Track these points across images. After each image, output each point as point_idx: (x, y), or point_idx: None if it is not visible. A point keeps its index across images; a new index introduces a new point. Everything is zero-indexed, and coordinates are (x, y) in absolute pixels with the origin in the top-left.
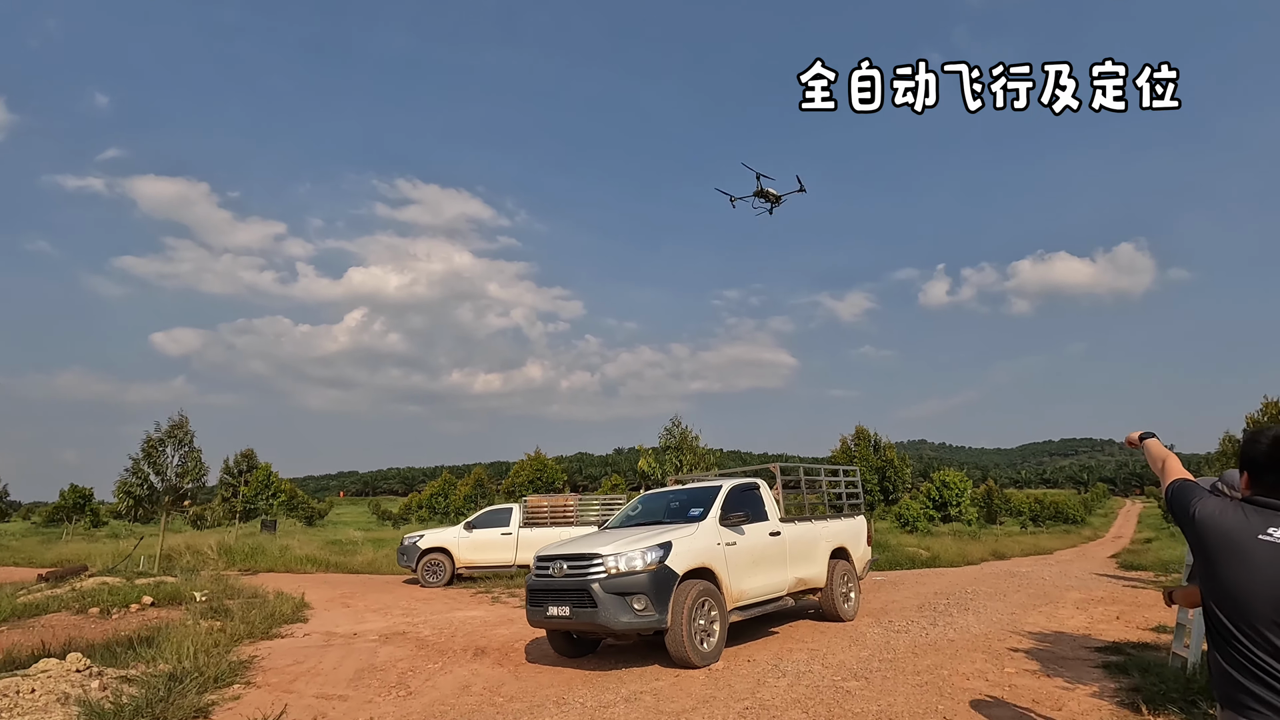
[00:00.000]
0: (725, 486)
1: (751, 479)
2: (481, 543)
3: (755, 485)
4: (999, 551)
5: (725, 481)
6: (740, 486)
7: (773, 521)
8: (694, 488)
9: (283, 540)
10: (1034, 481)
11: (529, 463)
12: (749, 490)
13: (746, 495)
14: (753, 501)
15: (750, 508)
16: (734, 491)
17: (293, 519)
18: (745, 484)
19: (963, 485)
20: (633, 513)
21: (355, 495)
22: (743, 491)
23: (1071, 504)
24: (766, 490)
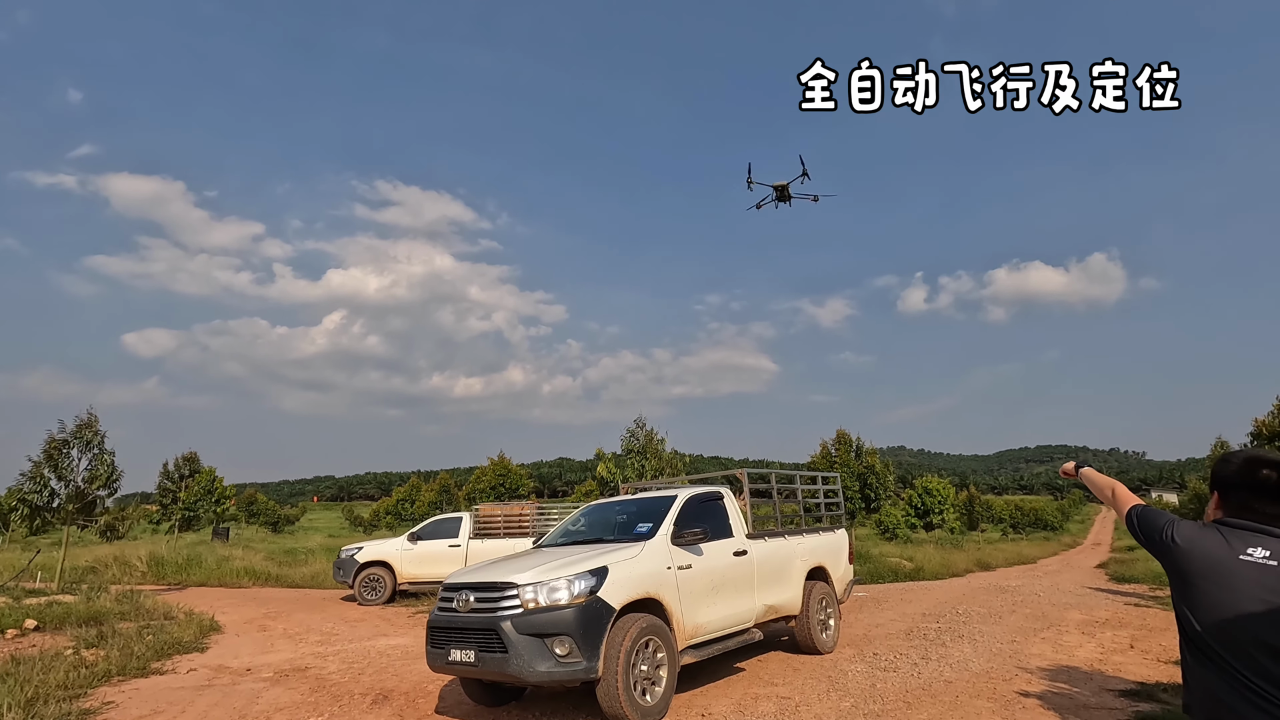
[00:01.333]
0: (681, 497)
1: (714, 488)
2: (427, 556)
3: (718, 495)
4: (983, 561)
5: (681, 491)
6: (700, 497)
7: (738, 538)
8: (646, 498)
9: (229, 550)
10: (1011, 487)
11: (492, 468)
12: (710, 501)
13: (707, 507)
14: (714, 515)
15: (711, 522)
16: (691, 503)
17: (255, 525)
18: (706, 494)
19: (945, 492)
20: (573, 527)
21: (330, 500)
22: (702, 503)
23: (1049, 510)
24: (732, 501)
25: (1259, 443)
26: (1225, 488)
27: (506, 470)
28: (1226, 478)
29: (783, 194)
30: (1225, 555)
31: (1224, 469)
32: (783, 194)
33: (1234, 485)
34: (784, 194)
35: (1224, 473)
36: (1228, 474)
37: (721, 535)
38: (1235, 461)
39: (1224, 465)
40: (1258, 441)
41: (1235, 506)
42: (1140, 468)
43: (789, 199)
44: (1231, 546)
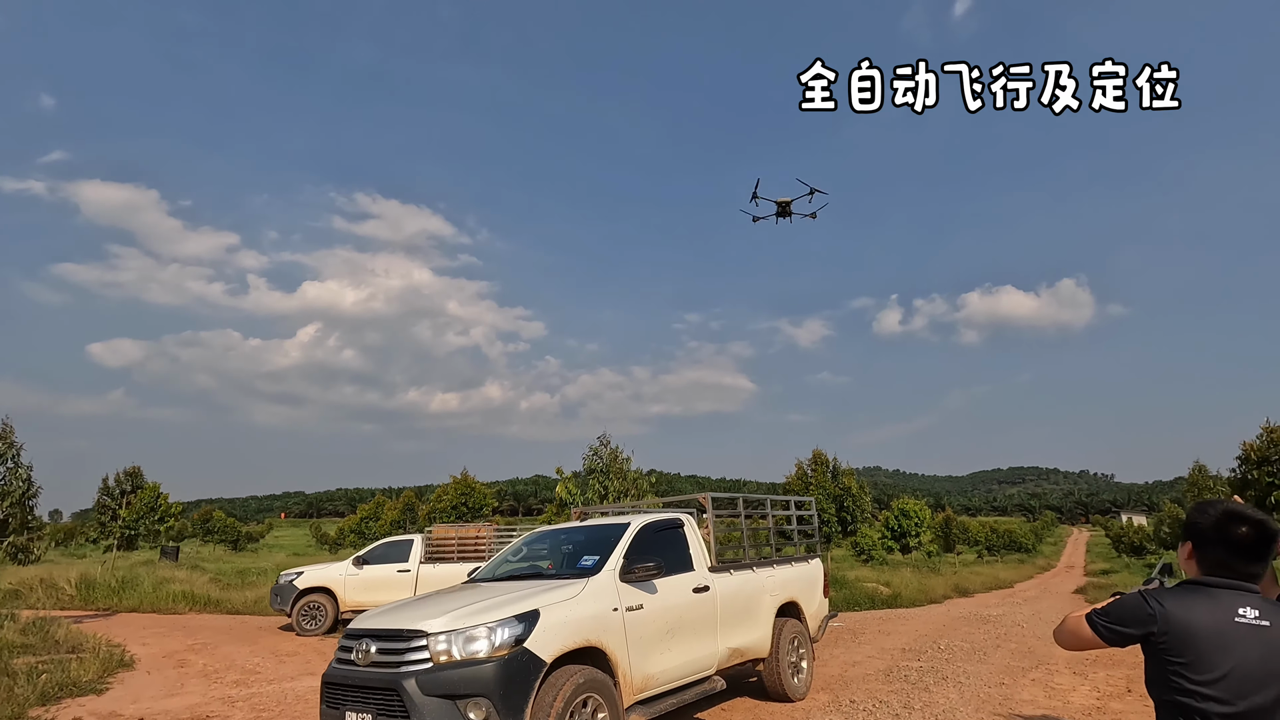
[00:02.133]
0: (633, 526)
1: (673, 514)
2: (373, 582)
3: (677, 523)
4: (961, 587)
5: (634, 519)
6: (655, 525)
7: (700, 572)
8: (595, 526)
9: (173, 571)
10: (984, 509)
11: (454, 486)
12: (668, 530)
13: (664, 537)
14: (672, 546)
15: (668, 554)
16: (645, 532)
17: (212, 543)
18: (663, 521)
19: (922, 514)
20: (512, 559)
21: (299, 517)
22: (658, 532)
23: (1023, 532)
24: (693, 529)
25: (1246, 467)
26: (1201, 541)
27: (470, 488)
28: (1203, 531)
29: (784, 210)
30: (1220, 620)
31: (1200, 520)
32: (784, 210)
33: (1210, 540)
34: (785, 210)
35: (1200, 525)
36: (1204, 527)
37: (680, 569)
38: (1212, 514)
39: (1200, 515)
40: (1245, 466)
41: (1212, 563)
42: (1109, 489)
43: (790, 215)
44: (1222, 609)
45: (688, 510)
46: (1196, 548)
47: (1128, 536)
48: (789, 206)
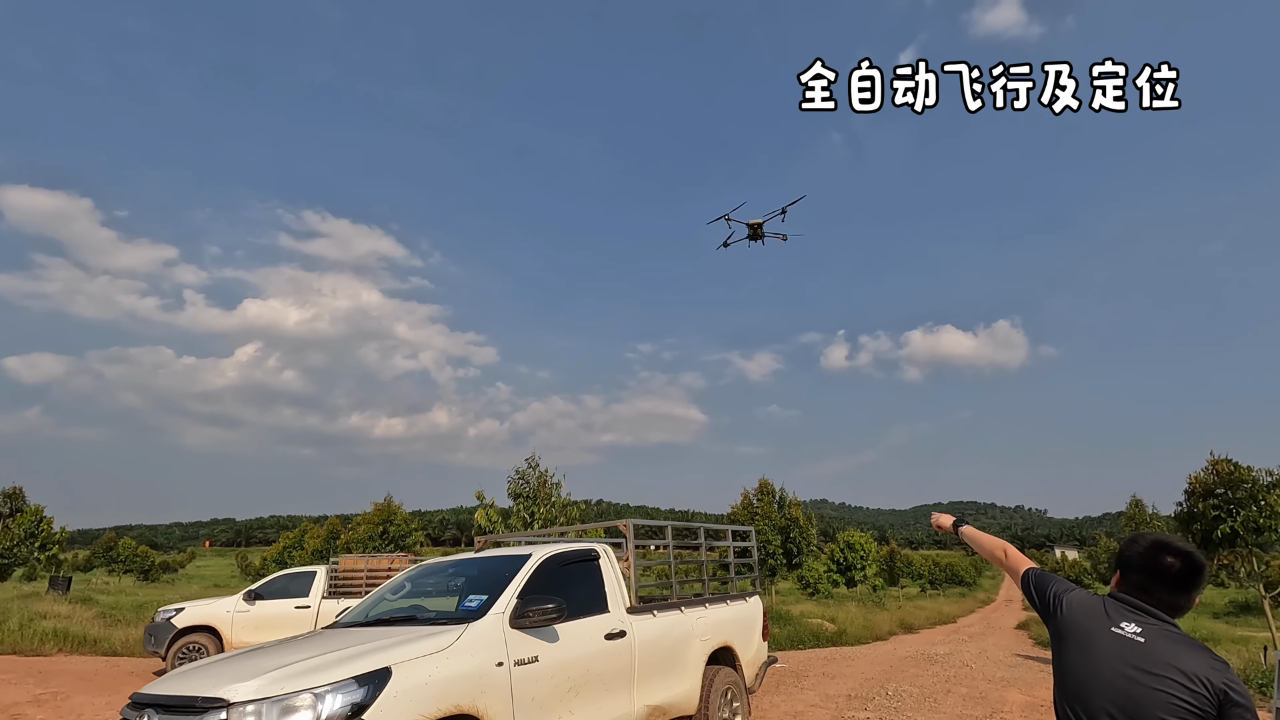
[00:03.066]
0: (534, 558)
1: (587, 545)
2: (266, 619)
3: (591, 555)
4: (906, 622)
5: (537, 550)
6: (563, 558)
7: (615, 614)
8: (493, 558)
9: (53, 605)
10: (926, 542)
11: (375, 513)
12: (579, 563)
13: (573, 572)
14: (583, 583)
15: (577, 592)
16: (548, 567)
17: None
18: (572, 554)
19: (868, 547)
20: (391, 597)
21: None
22: (565, 566)
23: (964, 566)
24: (610, 563)
25: (1192, 500)
26: (1127, 568)
27: (391, 515)
28: (1130, 559)
29: (756, 233)
30: (1098, 626)
31: (1130, 549)
32: (756, 233)
33: (1136, 567)
34: (757, 233)
35: (1129, 553)
36: (1132, 555)
37: (591, 610)
38: (1142, 544)
39: (1131, 545)
40: (1191, 499)
41: (1132, 586)
42: (1043, 524)
43: (761, 238)
44: (1109, 619)
45: (614, 540)
46: (1123, 575)
47: (1063, 570)
48: (761, 229)
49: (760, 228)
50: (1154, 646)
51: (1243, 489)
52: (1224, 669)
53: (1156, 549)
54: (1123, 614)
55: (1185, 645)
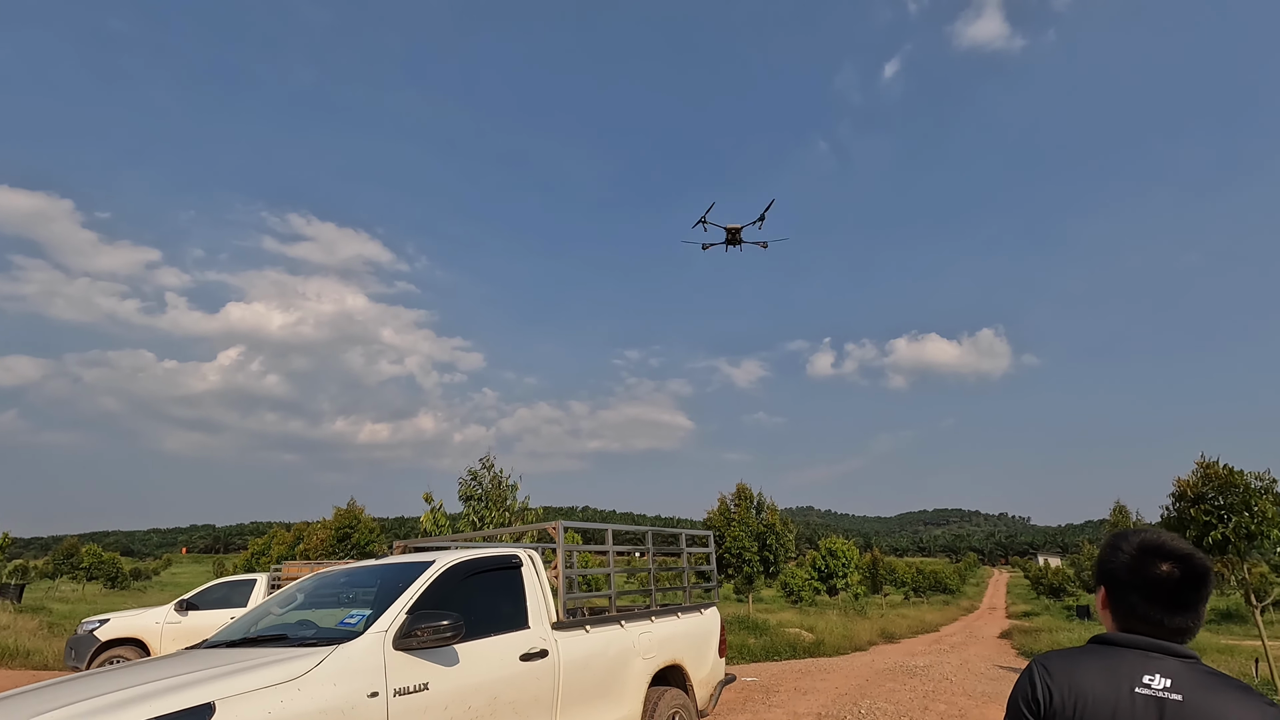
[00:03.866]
0: (436, 565)
1: (506, 550)
2: (199, 631)
3: (512, 563)
4: (887, 631)
5: (441, 557)
6: (473, 566)
7: (537, 630)
8: (389, 566)
9: None
10: (910, 549)
11: (338, 518)
12: (495, 572)
13: (483, 582)
14: (496, 595)
15: (487, 606)
16: (450, 577)
17: (80, 581)
18: (488, 560)
19: (850, 554)
20: (279, 609)
21: (203, 552)
22: (473, 576)
23: (948, 573)
24: (535, 571)
25: (1181, 505)
26: (1114, 584)
27: (355, 521)
28: (1115, 570)
29: (734, 238)
30: (1116, 692)
31: (1113, 559)
32: (734, 238)
33: (1124, 581)
34: (735, 238)
35: (1113, 563)
36: (1117, 565)
37: (505, 626)
38: (1126, 550)
39: (1113, 553)
40: (1180, 504)
41: (1126, 613)
42: (1026, 532)
43: (740, 243)
44: (1121, 677)
45: (548, 545)
46: (1111, 593)
47: (1046, 578)
48: (739, 234)
49: (738, 233)
50: (1198, 703)
51: (1234, 493)
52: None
53: (1146, 555)
54: (1138, 663)
55: (1232, 693)
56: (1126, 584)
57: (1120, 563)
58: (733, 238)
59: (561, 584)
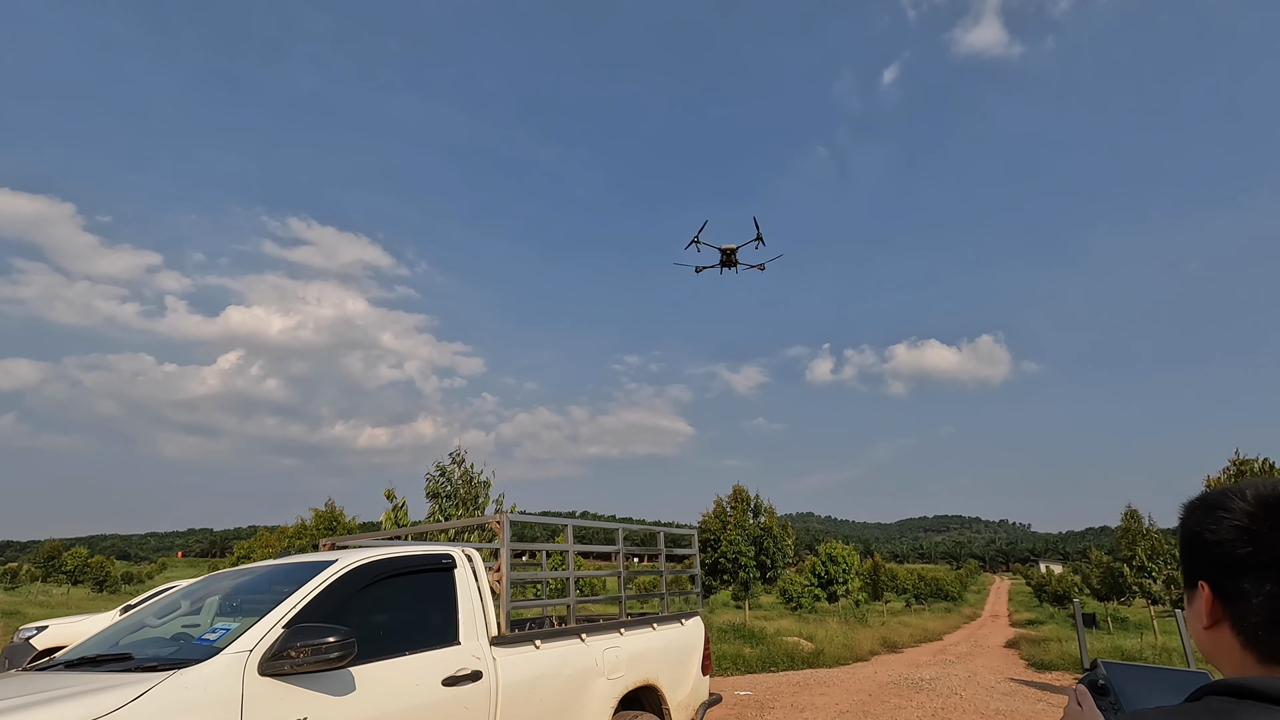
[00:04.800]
0: (335, 567)
1: (435, 551)
2: None
3: (440, 564)
4: (889, 640)
5: (344, 557)
6: (386, 568)
7: (469, 646)
8: (279, 567)
9: None
10: (911, 556)
11: (317, 520)
12: (417, 575)
13: (401, 588)
14: (419, 603)
15: (406, 617)
16: (350, 581)
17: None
18: (408, 561)
19: (850, 560)
20: (156, 620)
21: (200, 556)
22: (383, 580)
23: (949, 580)
24: (472, 575)
25: None
26: (1229, 571)
27: (335, 522)
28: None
29: (729, 259)
30: None
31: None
32: (729, 259)
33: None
34: (730, 259)
35: (1216, 536)
36: (1225, 539)
37: (427, 642)
38: (1238, 510)
39: (1213, 521)
40: None
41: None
42: (1027, 539)
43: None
44: None
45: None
46: (1224, 598)
47: (1050, 586)
48: (734, 255)
49: (733, 254)
50: None
51: None
52: None
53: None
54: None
55: None
56: (1256, 565)
57: (1232, 532)
58: (728, 259)
59: (505, 589)
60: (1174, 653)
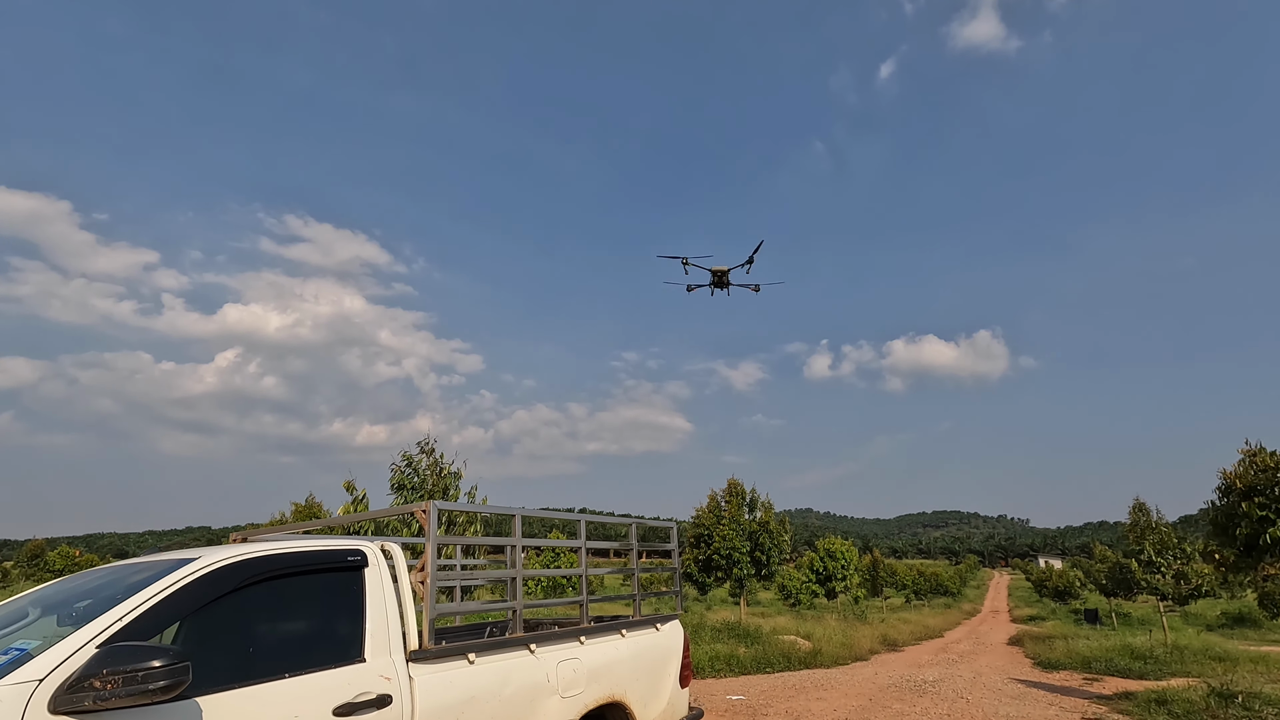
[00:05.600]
0: (188, 569)
1: (342, 546)
2: None
3: (348, 562)
4: (889, 638)
5: (207, 555)
6: (257, 567)
7: (377, 663)
8: (124, 566)
9: None
10: (910, 551)
11: (297, 514)
12: (309, 577)
13: (283, 594)
14: (308, 611)
15: (286, 631)
16: (209, 585)
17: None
18: (294, 558)
19: (849, 555)
20: None
21: None
22: (260, 583)
23: (948, 575)
24: (389, 575)
25: (1229, 499)
26: None
27: (314, 518)
28: None
29: (721, 280)
30: None
31: None
32: (721, 280)
33: None
34: (722, 280)
35: None
36: None
37: (319, 660)
38: None
39: None
40: (1228, 498)
41: None
42: (1026, 534)
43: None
44: None
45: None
46: None
47: (1052, 581)
48: (726, 277)
49: (725, 275)
50: None
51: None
52: None
53: None
54: None
55: None
56: None
57: None
58: (719, 280)
59: (429, 592)
60: (1186, 650)
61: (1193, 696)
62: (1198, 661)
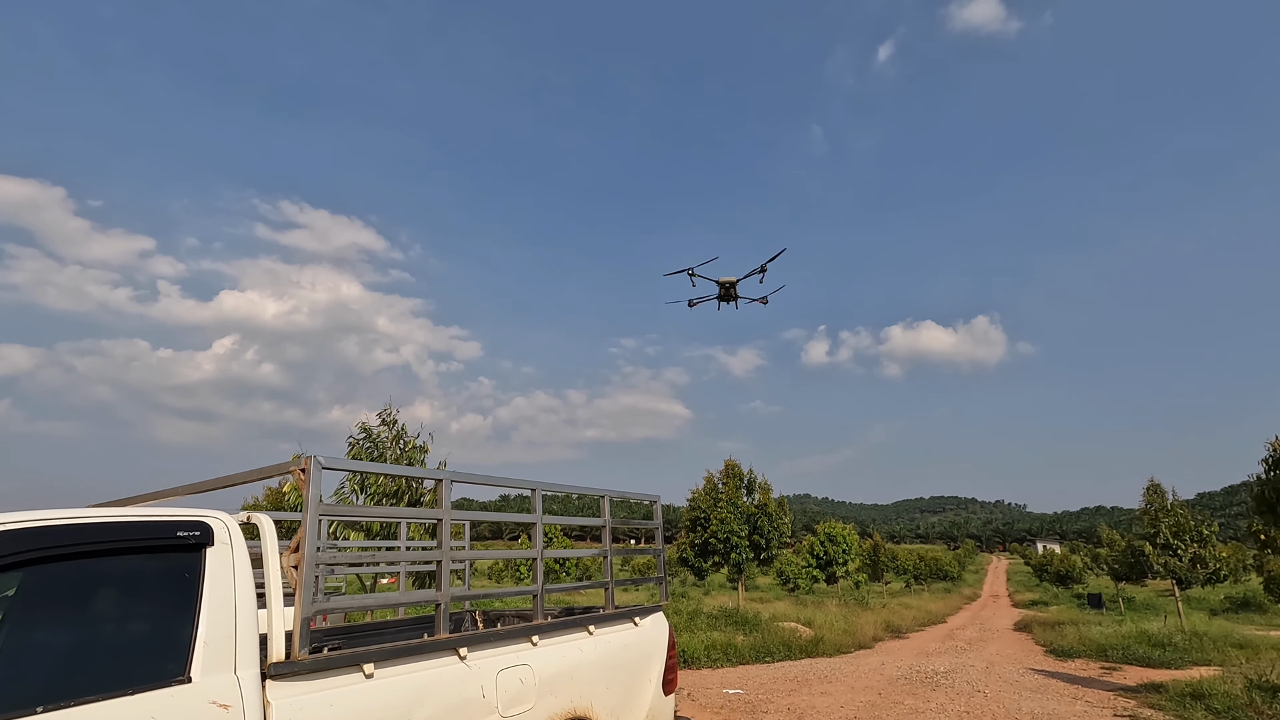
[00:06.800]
0: None
1: (181, 518)
2: None
3: (182, 539)
4: (892, 624)
5: None
6: (15, 543)
7: (211, 682)
8: None
9: None
10: (909, 537)
11: (269, 498)
12: (109, 559)
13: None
14: (101, 611)
15: (46, 643)
16: None
17: None
18: (75, 531)
19: (850, 540)
20: None
21: None
22: (17, 570)
23: (948, 560)
24: (235, 560)
25: (1275, 471)
26: None
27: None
28: None
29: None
30: None
31: None
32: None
33: None
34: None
35: None
36: None
37: (109, 684)
38: None
39: None
40: (1276, 471)
41: None
42: (1024, 519)
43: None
44: None
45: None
46: None
47: (1053, 565)
48: (734, 289)
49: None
50: None
51: None
52: None
53: None
54: None
55: None
56: None
57: None
58: (726, 293)
59: (303, 581)
60: (1205, 637)
61: (1232, 690)
62: (1218, 649)
